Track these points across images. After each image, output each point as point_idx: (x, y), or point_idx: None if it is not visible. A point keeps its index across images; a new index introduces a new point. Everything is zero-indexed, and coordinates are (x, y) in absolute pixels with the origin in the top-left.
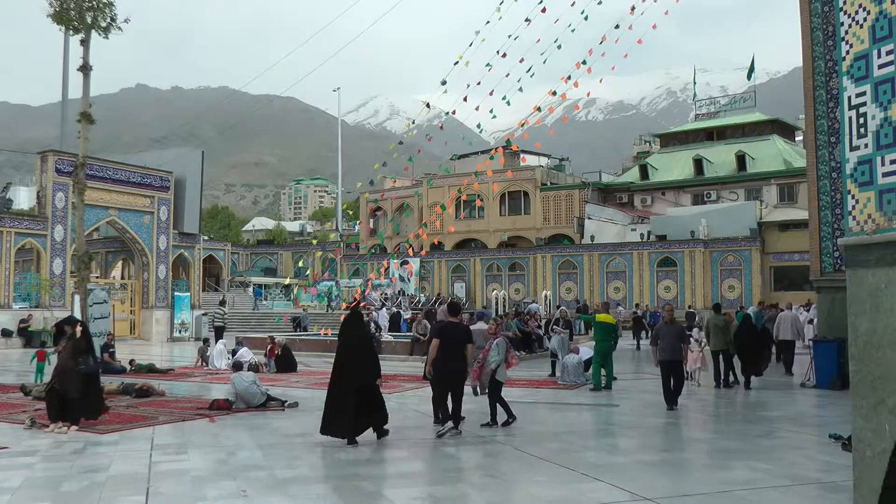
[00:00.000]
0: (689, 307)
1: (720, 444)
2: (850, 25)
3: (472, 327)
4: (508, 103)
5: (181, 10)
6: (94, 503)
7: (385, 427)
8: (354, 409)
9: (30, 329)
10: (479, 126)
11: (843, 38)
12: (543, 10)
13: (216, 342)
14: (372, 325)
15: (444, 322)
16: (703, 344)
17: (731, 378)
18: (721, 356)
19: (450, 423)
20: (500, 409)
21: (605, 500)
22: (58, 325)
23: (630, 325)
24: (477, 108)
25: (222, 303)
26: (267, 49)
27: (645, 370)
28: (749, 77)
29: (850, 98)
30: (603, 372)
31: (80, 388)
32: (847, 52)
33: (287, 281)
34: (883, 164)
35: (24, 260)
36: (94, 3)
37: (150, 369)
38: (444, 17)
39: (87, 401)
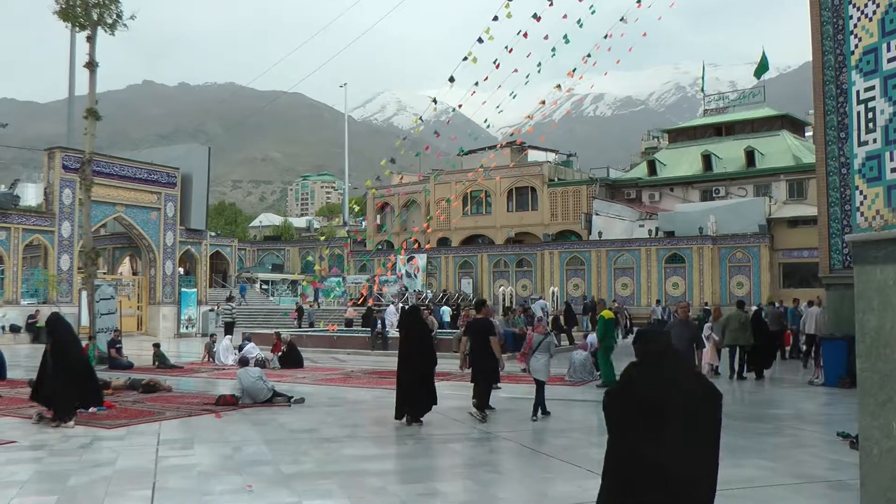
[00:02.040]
0: (705, 304)
1: (727, 441)
2: (858, 19)
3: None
4: (514, 96)
5: (188, 7)
6: (100, 497)
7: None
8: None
9: (37, 325)
10: (486, 121)
11: (851, 32)
12: (550, 4)
13: (225, 338)
14: (378, 322)
15: (471, 319)
16: (713, 339)
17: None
18: (738, 351)
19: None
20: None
21: None
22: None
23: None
24: (484, 103)
25: (230, 299)
26: (273, 45)
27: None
28: (759, 75)
29: (858, 93)
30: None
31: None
32: (856, 46)
33: (295, 276)
34: (891, 160)
35: (32, 256)
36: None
37: (163, 362)
38: (450, 11)
39: (80, 391)
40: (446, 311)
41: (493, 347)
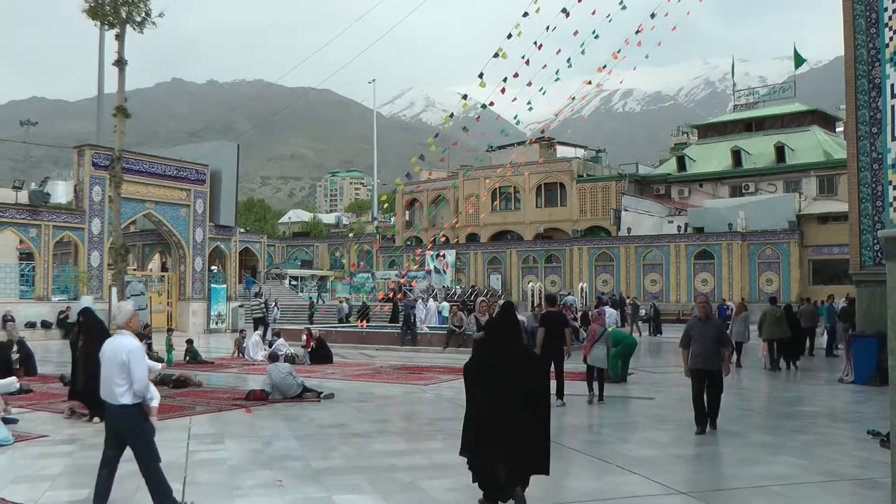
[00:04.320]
0: (742, 300)
1: (756, 438)
2: (894, 11)
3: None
4: (544, 93)
5: (216, 5)
6: (132, 491)
7: None
8: None
9: (68, 321)
10: (515, 118)
11: (886, 24)
12: (579, 0)
13: (254, 333)
14: (411, 317)
15: (546, 312)
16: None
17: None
18: (775, 344)
19: (558, 401)
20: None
21: (639, 493)
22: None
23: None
24: (514, 100)
25: (258, 294)
26: (302, 42)
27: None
28: (797, 66)
29: (892, 86)
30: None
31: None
32: (891, 39)
33: (324, 272)
34: None
35: (63, 253)
36: None
37: (195, 358)
38: (480, 7)
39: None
40: (445, 307)
41: (565, 337)
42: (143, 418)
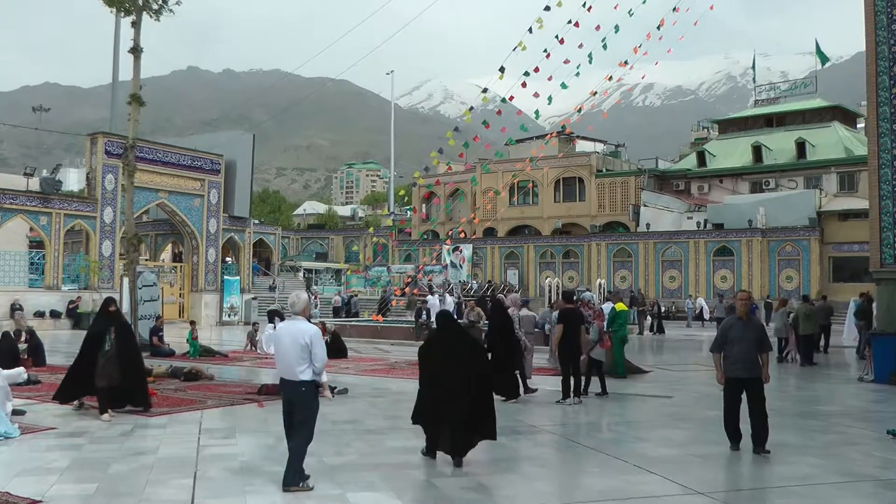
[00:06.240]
0: (767, 298)
1: (775, 438)
2: None
3: (519, 314)
4: (565, 86)
5: None
6: (142, 485)
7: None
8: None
9: (78, 310)
10: (536, 113)
11: None
12: None
13: (268, 326)
14: (424, 313)
15: (563, 308)
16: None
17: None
18: (808, 339)
19: (576, 398)
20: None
21: (657, 492)
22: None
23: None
24: (536, 95)
25: (272, 288)
26: (320, 32)
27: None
28: (823, 62)
29: None
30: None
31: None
32: None
33: (339, 265)
34: None
35: (74, 242)
36: None
37: (208, 351)
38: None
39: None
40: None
41: (581, 336)
42: (315, 395)
